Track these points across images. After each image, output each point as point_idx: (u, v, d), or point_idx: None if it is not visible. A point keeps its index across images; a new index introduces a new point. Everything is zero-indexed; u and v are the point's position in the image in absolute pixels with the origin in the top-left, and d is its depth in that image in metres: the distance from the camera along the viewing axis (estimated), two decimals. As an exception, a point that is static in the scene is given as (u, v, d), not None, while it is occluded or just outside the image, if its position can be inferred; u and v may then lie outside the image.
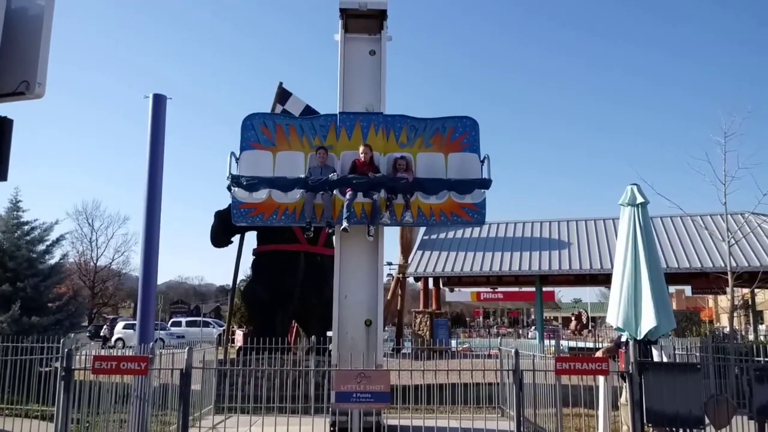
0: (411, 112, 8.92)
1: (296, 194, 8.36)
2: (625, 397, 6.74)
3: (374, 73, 9.10)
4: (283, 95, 15.08)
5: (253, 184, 8.28)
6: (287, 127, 8.80)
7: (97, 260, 60.89)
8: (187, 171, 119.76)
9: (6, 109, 4.94)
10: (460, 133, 8.81)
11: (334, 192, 8.30)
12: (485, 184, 8.49)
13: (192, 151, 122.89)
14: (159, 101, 9.32)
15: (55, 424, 7.12)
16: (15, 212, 15.20)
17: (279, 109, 14.77)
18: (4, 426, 8.20)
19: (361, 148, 8.39)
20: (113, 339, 33.55)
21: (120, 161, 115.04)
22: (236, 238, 15.43)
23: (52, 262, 15.71)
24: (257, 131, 8.73)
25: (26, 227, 15.18)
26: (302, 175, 8.38)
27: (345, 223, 8.12)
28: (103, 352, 6.67)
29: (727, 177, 15.34)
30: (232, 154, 8.50)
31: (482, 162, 8.67)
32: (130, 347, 8.95)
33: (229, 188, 8.45)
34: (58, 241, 15.91)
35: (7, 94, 4.86)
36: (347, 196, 8.18)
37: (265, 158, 8.64)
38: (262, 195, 8.39)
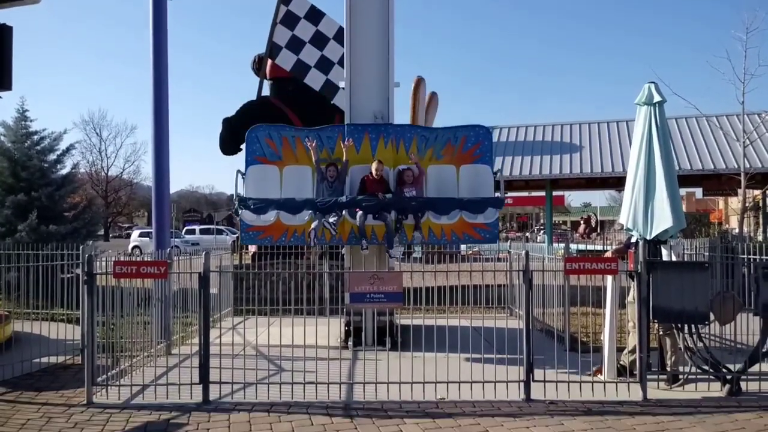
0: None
1: (305, 215, 8.15)
2: (632, 296, 6.87)
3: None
4: (286, -6, 14.46)
5: (261, 207, 8.09)
6: (293, 138, 8.50)
7: (108, 170, 61.46)
8: (194, 78, 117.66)
9: (4, 16, 4.81)
10: (473, 143, 8.52)
11: (343, 213, 8.11)
12: (498, 203, 8.31)
13: (199, 46, 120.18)
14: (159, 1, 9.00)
15: (81, 326, 7.42)
16: (23, 122, 15.07)
17: (283, 10, 14.24)
18: (32, 329, 8.55)
19: (374, 165, 8.16)
20: (130, 246, 34.30)
21: (123, 68, 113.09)
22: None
23: (64, 171, 15.78)
24: (262, 144, 8.46)
25: (35, 137, 15.11)
26: (311, 196, 8.20)
27: (365, 244, 8.07)
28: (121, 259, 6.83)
29: (747, 75, 14.97)
30: (239, 171, 8.35)
31: (495, 174, 8.52)
32: (148, 254, 9.15)
33: (236, 212, 8.37)
34: (68, 150, 15.87)
35: (4, 0, 4.71)
36: (358, 217, 8.02)
37: (272, 173, 8.41)
38: (270, 217, 8.21)
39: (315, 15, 14.34)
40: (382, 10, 8.84)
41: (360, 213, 8.01)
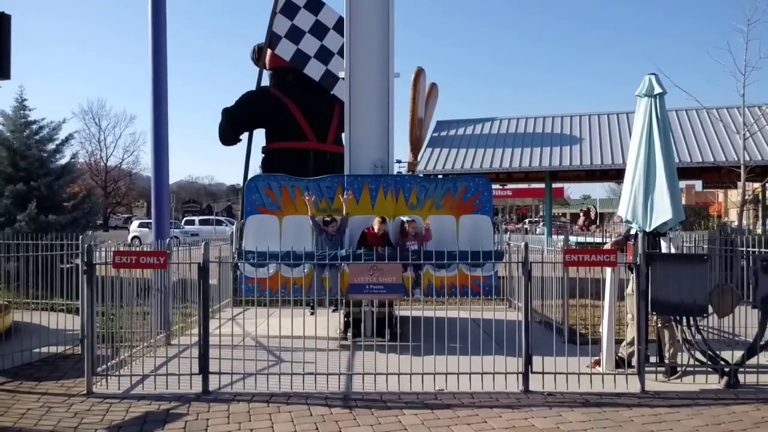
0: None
1: (304, 268, 8.16)
2: (631, 288, 6.88)
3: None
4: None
5: (261, 262, 8.07)
6: (292, 188, 8.53)
7: (107, 160, 61.39)
8: (195, 73, 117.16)
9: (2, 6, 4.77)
10: (472, 193, 8.56)
11: (343, 265, 8.06)
12: (498, 257, 8.32)
13: (198, 46, 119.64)
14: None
15: (81, 316, 7.43)
16: (21, 111, 14.99)
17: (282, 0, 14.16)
18: (32, 319, 8.55)
19: (377, 225, 8.16)
20: (129, 237, 34.29)
21: (123, 59, 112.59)
22: (245, 136, 15.34)
23: (63, 161, 15.69)
24: (261, 194, 8.49)
25: (34, 126, 15.02)
26: (310, 245, 8.22)
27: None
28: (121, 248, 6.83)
29: (748, 67, 15.00)
30: (238, 222, 8.29)
31: (495, 226, 8.54)
32: (147, 245, 9.16)
33: (235, 266, 8.39)
34: (67, 140, 15.77)
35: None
36: None
37: (271, 223, 8.45)
38: (270, 270, 8.19)
39: (315, 4, 14.26)
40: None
41: None
